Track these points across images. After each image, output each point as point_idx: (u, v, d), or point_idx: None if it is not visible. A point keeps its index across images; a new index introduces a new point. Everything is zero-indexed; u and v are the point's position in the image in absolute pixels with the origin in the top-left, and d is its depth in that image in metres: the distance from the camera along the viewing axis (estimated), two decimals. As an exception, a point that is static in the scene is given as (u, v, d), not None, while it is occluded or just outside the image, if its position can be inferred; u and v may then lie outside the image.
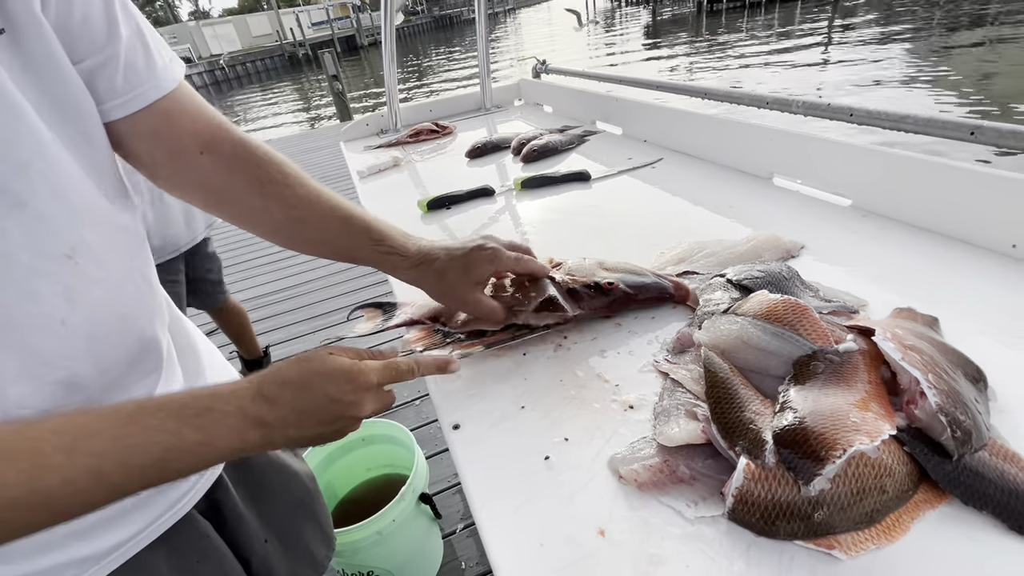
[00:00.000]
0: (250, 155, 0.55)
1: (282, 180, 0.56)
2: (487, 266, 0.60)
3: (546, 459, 0.49)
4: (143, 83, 0.47)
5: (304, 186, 0.57)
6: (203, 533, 0.55)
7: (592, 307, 0.66)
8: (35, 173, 0.37)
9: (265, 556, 0.63)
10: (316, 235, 0.58)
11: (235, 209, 0.57)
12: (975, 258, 0.69)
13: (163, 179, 0.54)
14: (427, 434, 1.85)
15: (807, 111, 0.97)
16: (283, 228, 0.58)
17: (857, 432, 0.39)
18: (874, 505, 0.39)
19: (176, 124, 0.51)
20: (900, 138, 0.91)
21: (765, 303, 0.54)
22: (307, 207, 0.57)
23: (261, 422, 0.40)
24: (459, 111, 2.01)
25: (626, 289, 0.66)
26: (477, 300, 0.61)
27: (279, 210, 0.56)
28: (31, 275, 0.38)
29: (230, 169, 0.54)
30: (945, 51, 7.81)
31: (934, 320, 0.57)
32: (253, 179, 0.55)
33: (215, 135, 0.53)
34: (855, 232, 0.79)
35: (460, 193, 1.15)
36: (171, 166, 0.53)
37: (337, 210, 0.58)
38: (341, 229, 0.59)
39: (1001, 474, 0.40)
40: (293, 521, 0.70)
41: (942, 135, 0.76)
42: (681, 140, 1.24)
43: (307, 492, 0.74)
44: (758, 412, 0.45)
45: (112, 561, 0.46)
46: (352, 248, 0.60)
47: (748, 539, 0.40)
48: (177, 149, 0.52)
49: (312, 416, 0.42)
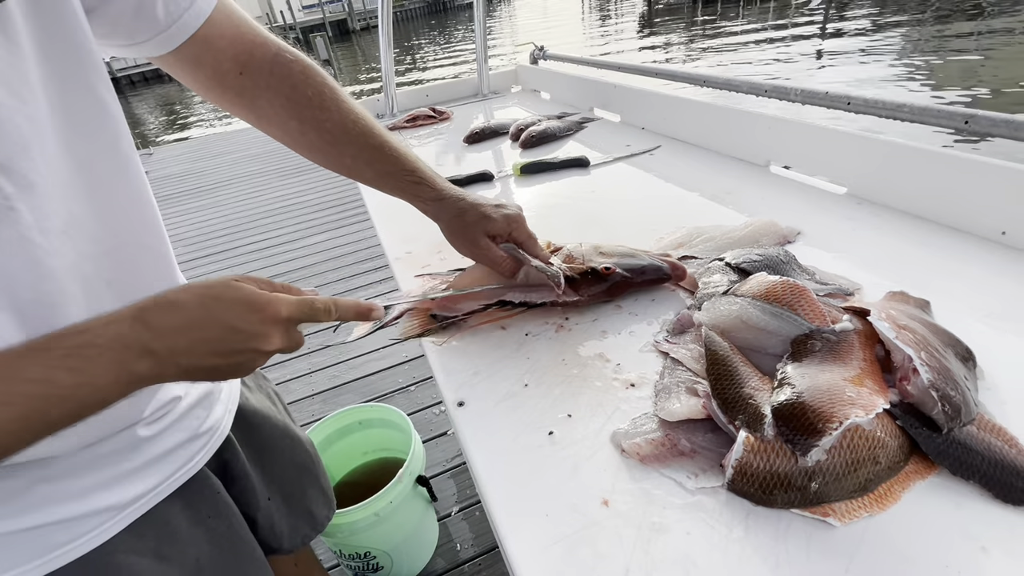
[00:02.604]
0: (286, 74, 0.57)
1: (319, 103, 0.58)
2: (505, 224, 0.63)
3: (550, 434, 0.51)
4: (182, 13, 0.48)
5: (340, 111, 0.59)
6: (215, 490, 0.58)
7: (590, 293, 0.67)
8: (38, 152, 0.37)
9: (268, 513, 0.66)
10: (350, 160, 0.61)
11: (275, 130, 0.60)
12: (966, 244, 0.71)
13: (212, 99, 0.57)
14: (422, 419, 1.86)
15: (805, 99, 0.98)
16: (319, 150, 0.60)
17: (852, 406, 0.41)
18: (867, 476, 0.41)
19: (216, 47, 0.52)
20: (895, 127, 0.92)
21: (764, 284, 0.56)
22: (341, 131, 0.59)
23: (145, 350, 0.35)
24: (456, 97, 2.00)
25: (624, 273, 0.67)
26: (488, 246, 0.64)
27: (315, 133, 0.59)
28: (47, 255, 0.38)
29: (268, 89, 0.56)
30: (939, 41, 7.85)
31: (926, 303, 0.59)
32: (289, 100, 0.57)
33: (252, 54, 0.55)
34: (850, 219, 0.81)
35: (459, 178, 1.15)
36: (216, 89, 0.55)
37: (371, 137, 0.60)
38: (373, 156, 0.61)
39: (988, 447, 0.42)
40: (297, 482, 0.73)
41: (936, 124, 0.78)
42: (679, 127, 1.24)
43: (309, 456, 0.76)
44: (757, 388, 0.46)
45: (133, 512, 0.48)
46: (383, 175, 0.62)
47: (747, 508, 0.41)
48: (219, 72, 0.54)
49: (206, 345, 0.38)
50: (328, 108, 0.58)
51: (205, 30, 0.50)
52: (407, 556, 1.32)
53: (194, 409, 0.55)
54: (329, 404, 2.01)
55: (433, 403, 1.93)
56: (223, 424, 0.59)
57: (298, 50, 0.59)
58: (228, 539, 0.58)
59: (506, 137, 1.43)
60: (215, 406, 0.58)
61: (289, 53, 0.57)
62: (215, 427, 0.58)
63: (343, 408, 1.39)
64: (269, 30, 0.58)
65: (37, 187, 0.37)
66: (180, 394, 0.53)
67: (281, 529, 0.68)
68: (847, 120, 1.13)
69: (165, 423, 0.51)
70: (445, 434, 1.78)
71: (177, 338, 0.37)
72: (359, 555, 1.22)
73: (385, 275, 2.85)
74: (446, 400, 0.58)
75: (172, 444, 0.52)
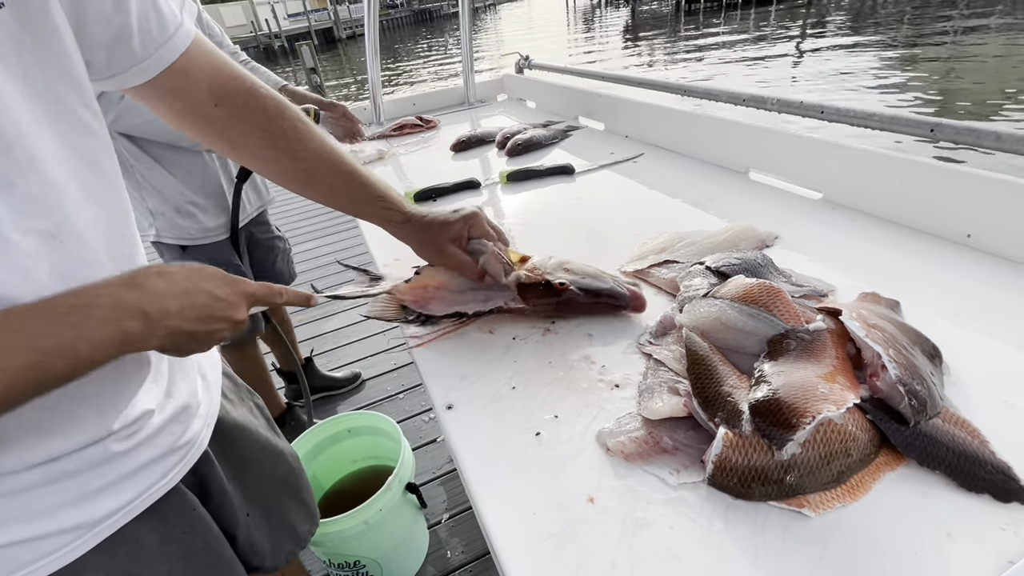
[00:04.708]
0: (261, 108, 0.59)
1: (293, 135, 0.61)
2: (463, 224, 0.68)
3: (537, 435, 0.52)
4: (159, 46, 0.49)
5: (314, 141, 0.62)
6: (190, 505, 0.56)
7: (538, 303, 0.66)
8: (20, 154, 0.38)
9: (248, 530, 0.65)
10: (324, 188, 0.64)
11: (250, 158, 0.62)
12: (934, 247, 0.74)
13: (187, 129, 0.58)
14: (411, 426, 1.86)
15: (781, 108, 1.02)
16: (293, 178, 0.63)
17: (825, 401, 0.43)
18: (840, 468, 0.43)
19: (192, 79, 0.54)
20: (869, 134, 0.96)
21: (742, 286, 0.58)
22: (315, 161, 0.62)
23: (139, 311, 0.39)
24: (443, 105, 2.02)
25: (576, 291, 0.65)
26: (454, 252, 0.68)
27: (289, 162, 0.62)
28: (23, 255, 0.38)
29: (243, 120, 0.59)
30: (912, 53, 8.10)
31: (896, 303, 0.61)
32: (265, 131, 0.60)
33: (228, 87, 0.57)
34: (825, 224, 0.84)
35: (446, 185, 1.16)
36: (191, 119, 0.57)
37: (343, 166, 0.64)
38: (346, 184, 0.65)
39: (952, 438, 0.44)
40: (276, 497, 0.72)
41: (905, 131, 0.81)
42: (662, 135, 1.27)
43: (291, 470, 0.76)
44: (735, 386, 0.48)
45: (103, 530, 0.47)
46: (355, 201, 0.66)
47: (727, 502, 0.43)
48: (194, 103, 0.56)
49: (192, 310, 0.43)
50: (303, 139, 0.61)
51: (182, 62, 0.52)
52: (397, 564, 1.32)
53: (170, 424, 0.53)
54: (318, 412, 2.00)
55: (422, 410, 1.93)
56: (200, 438, 0.57)
57: (281, 58, 0.59)
58: (204, 556, 0.56)
59: (492, 145, 1.45)
60: (192, 421, 0.56)
61: (263, 88, 0.60)
62: (192, 441, 0.56)
63: (332, 416, 1.39)
64: (254, 37, 0.59)
65: (17, 188, 0.37)
66: (152, 408, 0.51)
67: (263, 547, 0.67)
68: (834, 129, 1.14)
69: (138, 438, 0.49)
70: (435, 441, 1.78)
71: (168, 301, 0.41)
72: (348, 564, 1.22)
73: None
74: (435, 404, 0.59)
75: (145, 459, 0.50)
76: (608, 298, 0.66)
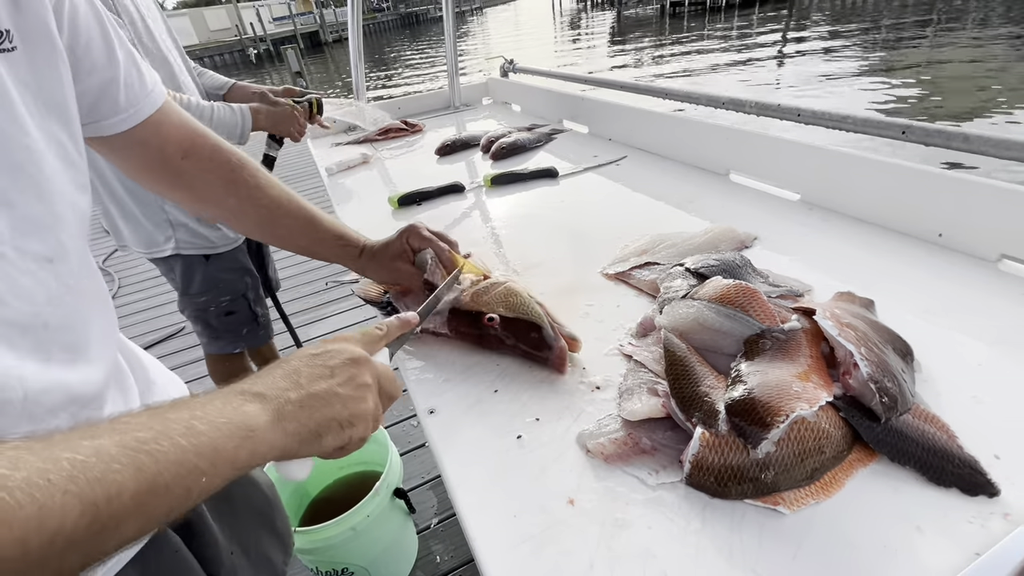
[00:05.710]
0: (224, 161, 0.63)
1: (254, 183, 0.65)
2: (401, 239, 0.72)
3: (518, 438, 0.52)
4: (140, 100, 0.54)
5: (273, 188, 0.67)
6: (174, 548, 0.54)
7: (461, 332, 0.66)
8: (26, 176, 0.38)
9: (232, 568, 0.63)
10: (285, 232, 0.68)
11: (213, 206, 0.65)
12: (907, 246, 0.75)
13: (147, 179, 0.61)
14: (399, 432, 1.85)
15: (759, 111, 1.03)
16: (256, 224, 0.67)
17: (798, 399, 0.44)
18: (814, 465, 0.43)
19: (163, 134, 0.58)
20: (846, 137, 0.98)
21: (719, 288, 0.59)
22: (276, 207, 0.66)
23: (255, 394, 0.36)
24: (428, 109, 2.02)
25: (498, 331, 0.63)
26: (397, 267, 0.72)
27: (251, 209, 0.65)
28: (21, 273, 0.38)
29: (207, 172, 0.62)
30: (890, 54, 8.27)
31: (870, 302, 0.62)
32: (228, 182, 0.64)
33: (194, 142, 0.61)
34: (803, 224, 0.85)
35: (431, 189, 1.16)
36: (158, 170, 0.60)
37: (303, 210, 0.68)
38: (306, 227, 0.69)
39: (922, 434, 0.45)
40: (253, 531, 0.70)
41: (877, 133, 0.83)
42: (644, 138, 1.28)
43: (266, 501, 0.74)
44: (712, 386, 0.49)
45: None
46: (316, 243, 0.70)
47: (704, 501, 0.44)
48: (163, 155, 0.59)
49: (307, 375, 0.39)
50: (263, 187, 0.65)
51: (157, 116, 0.56)
52: (386, 570, 1.31)
53: None
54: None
55: (410, 415, 1.92)
56: None
57: (266, 62, 0.60)
58: None
59: (477, 149, 1.46)
60: None
61: (225, 144, 0.64)
62: None
63: (318, 422, 1.37)
64: (239, 41, 0.60)
65: (16, 207, 0.37)
66: None
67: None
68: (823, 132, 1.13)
69: None
70: (423, 446, 1.77)
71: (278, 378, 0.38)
72: (336, 571, 1.21)
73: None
74: (418, 408, 0.58)
75: None
76: (530, 347, 0.61)
